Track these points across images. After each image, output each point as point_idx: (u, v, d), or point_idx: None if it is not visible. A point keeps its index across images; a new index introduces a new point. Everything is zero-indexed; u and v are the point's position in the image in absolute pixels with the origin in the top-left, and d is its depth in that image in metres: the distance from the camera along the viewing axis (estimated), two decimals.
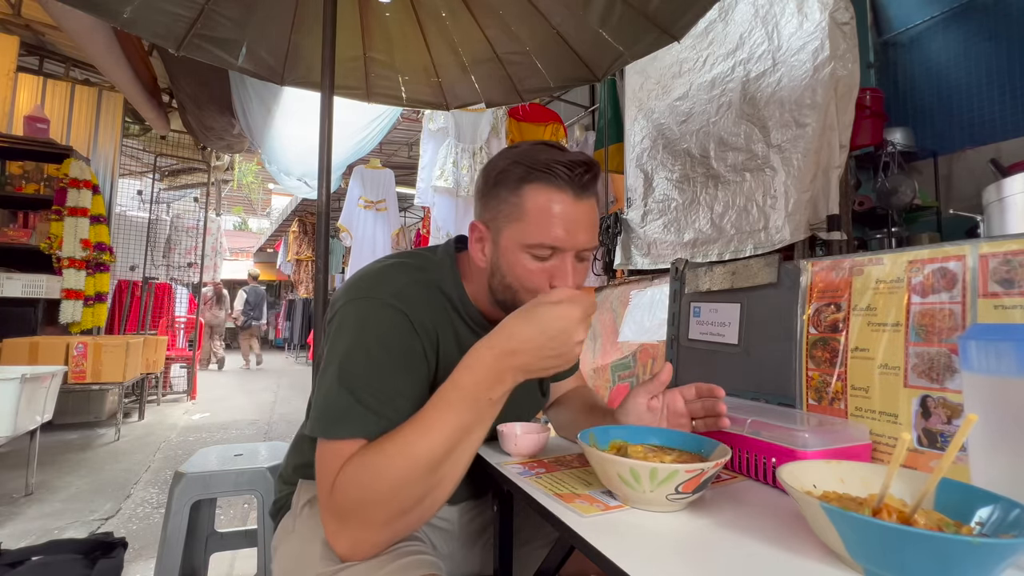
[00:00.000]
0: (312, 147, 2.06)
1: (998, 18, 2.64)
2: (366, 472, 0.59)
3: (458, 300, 0.78)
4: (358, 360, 0.66)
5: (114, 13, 1.68)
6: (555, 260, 0.71)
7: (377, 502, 0.59)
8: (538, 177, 0.69)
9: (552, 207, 0.69)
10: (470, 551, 0.91)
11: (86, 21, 2.89)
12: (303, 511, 0.80)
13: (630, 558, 0.46)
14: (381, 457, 0.59)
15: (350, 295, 0.71)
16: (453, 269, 0.79)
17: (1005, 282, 0.65)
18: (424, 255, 0.81)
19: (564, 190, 0.69)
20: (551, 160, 0.69)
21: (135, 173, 5.99)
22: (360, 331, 0.67)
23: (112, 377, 3.61)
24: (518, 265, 0.71)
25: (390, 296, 0.70)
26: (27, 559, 1.36)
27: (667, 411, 0.78)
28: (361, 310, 0.69)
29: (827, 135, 1.81)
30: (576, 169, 0.68)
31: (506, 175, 0.72)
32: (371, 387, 0.64)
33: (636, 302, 2.34)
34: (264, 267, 13.41)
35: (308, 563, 0.68)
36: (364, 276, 0.74)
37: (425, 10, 2.10)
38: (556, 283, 0.70)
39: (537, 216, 0.69)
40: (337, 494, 0.60)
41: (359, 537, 0.61)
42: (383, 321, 0.68)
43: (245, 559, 1.90)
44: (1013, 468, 0.52)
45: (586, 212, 0.71)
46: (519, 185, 0.70)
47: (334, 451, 0.62)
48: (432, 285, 0.76)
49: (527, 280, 0.71)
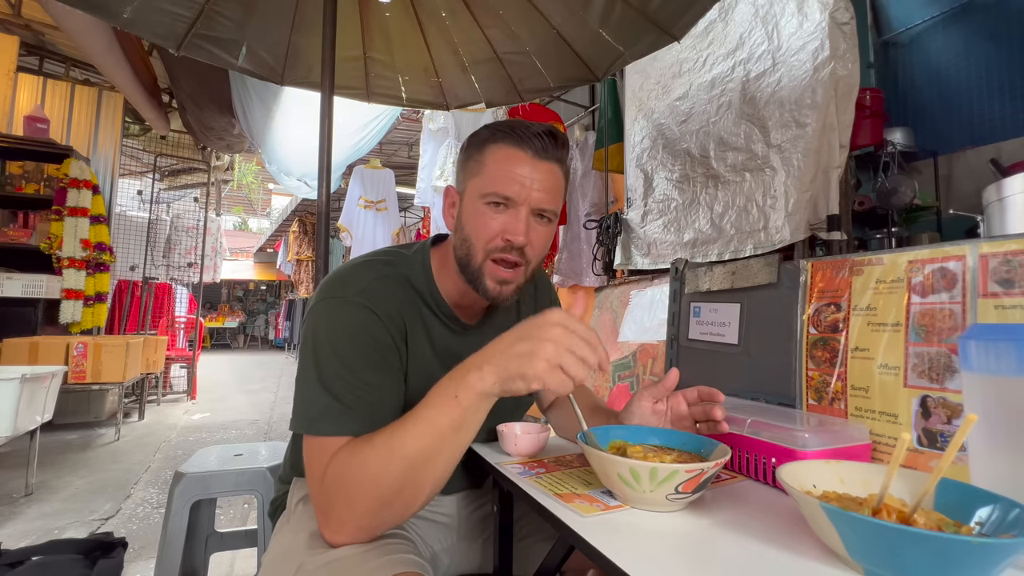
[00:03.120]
0: (312, 147, 2.06)
1: (998, 18, 2.63)
2: (354, 459, 0.63)
3: (428, 293, 0.81)
4: (331, 359, 0.69)
5: (114, 13, 1.68)
6: (510, 212, 0.74)
7: (361, 488, 0.61)
8: (501, 137, 0.75)
9: (509, 160, 0.74)
10: (471, 546, 0.90)
11: (86, 21, 2.89)
12: (296, 508, 0.83)
13: (630, 558, 0.46)
14: (368, 447, 0.63)
15: (320, 295, 0.75)
16: (425, 264, 0.82)
17: (1005, 282, 0.65)
18: (397, 251, 0.84)
19: (523, 148, 0.74)
20: (515, 124, 0.76)
21: (135, 173, 5.99)
22: (331, 331, 0.71)
23: (112, 377, 3.61)
24: (475, 214, 0.76)
25: (356, 294, 0.73)
26: (27, 559, 1.36)
27: (671, 414, 0.78)
28: (330, 310, 0.72)
29: (827, 135, 1.81)
30: (537, 132, 0.74)
31: (475, 139, 0.79)
32: (346, 384, 0.68)
33: (636, 302, 2.34)
34: (264, 267, 13.42)
35: (294, 552, 0.70)
36: (333, 276, 0.77)
37: (425, 10, 2.09)
38: (508, 235, 0.74)
39: (494, 168, 0.75)
40: (327, 481, 0.63)
41: (344, 519, 0.63)
42: (351, 319, 0.71)
43: (245, 559, 1.90)
44: (1013, 468, 0.52)
45: (544, 172, 0.75)
46: (484, 145, 0.77)
47: (320, 446, 0.65)
48: (400, 279, 0.79)
49: (481, 229, 0.75)
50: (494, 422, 0.85)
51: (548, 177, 0.75)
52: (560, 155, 0.76)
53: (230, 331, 14.08)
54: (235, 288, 15.40)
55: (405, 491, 0.62)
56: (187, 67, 3.35)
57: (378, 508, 0.62)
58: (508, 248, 0.74)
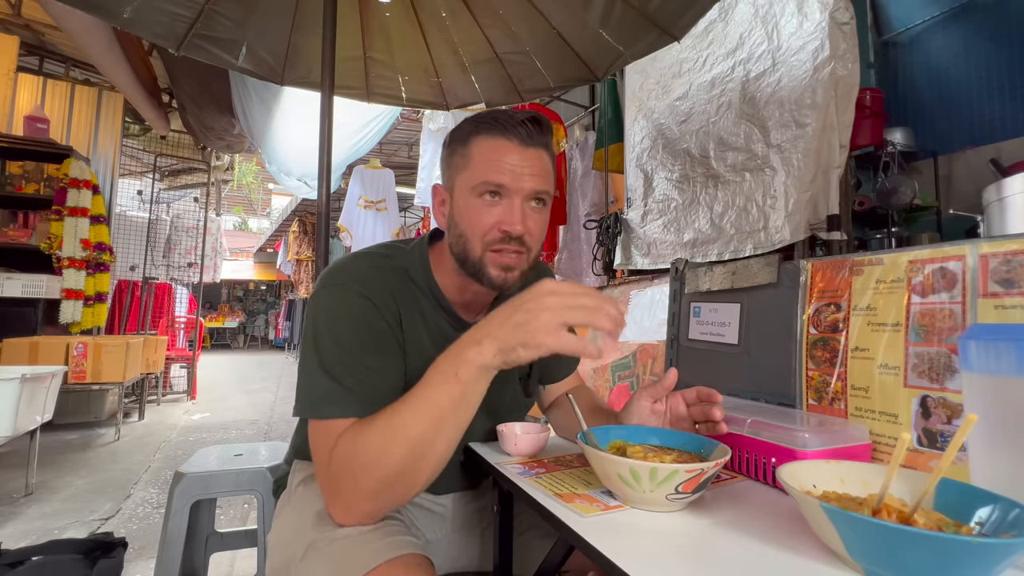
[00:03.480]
0: (312, 147, 2.06)
1: (998, 18, 2.63)
2: (358, 440, 0.64)
3: (425, 284, 0.81)
4: (331, 344, 0.70)
5: (114, 13, 1.68)
6: (504, 203, 0.74)
7: (365, 469, 0.63)
8: (484, 129, 0.75)
9: (496, 151, 0.74)
10: (465, 538, 0.91)
11: (86, 21, 2.89)
12: (297, 488, 0.85)
13: (630, 558, 0.46)
14: (371, 429, 0.64)
15: (320, 284, 0.76)
16: (423, 258, 0.82)
17: (1005, 282, 0.65)
18: (396, 245, 0.85)
19: (509, 137, 0.74)
20: (497, 114, 0.75)
21: (135, 173, 5.99)
22: (330, 317, 0.73)
23: (112, 377, 3.61)
24: (468, 209, 0.75)
25: (353, 282, 0.74)
26: (27, 559, 1.36)
27: (670, 415, 0.78)
28: (329, 297, 0.74)
29: (827, 135, 1.81)
30: (521, 120, 0.74)
31: (458, 133, 0.79)
32: (347, 368, 0.69)
33: (636, 302, 2.34)
34: (264, 267, 13.42)
35: (301, 530, 0.72)
36: (332, 266, 0.78)
37: (425, 10, 2.10)
38: (504, 225, 0.73)
39: (481, 159, 0.74)
40: (333, 463, 0.65)
41: (350, 500, 0.65)
42: (349, 305, 0.73)
43: (245, 559, 1.90)
44: (1013, 468, 0.52)
45: (533, 158, 0.74)
46: (468, 138, 0.76)
47: (324, 429, 0.67)
48: (398, 269, 0.80)
49: (476, 222, 0.74)
50: (494, 422, 0.85)
51: (537, 162, 0.75)
52: (546, 140, 0.77)
53: (230, 331, 14.08)
54: (235, 288, 15.39)
55: (407, 472, 0.63)
56: (187, 67, 3.35)
57: (381, 489, 0.64)
58: (506, 239, 0.74)
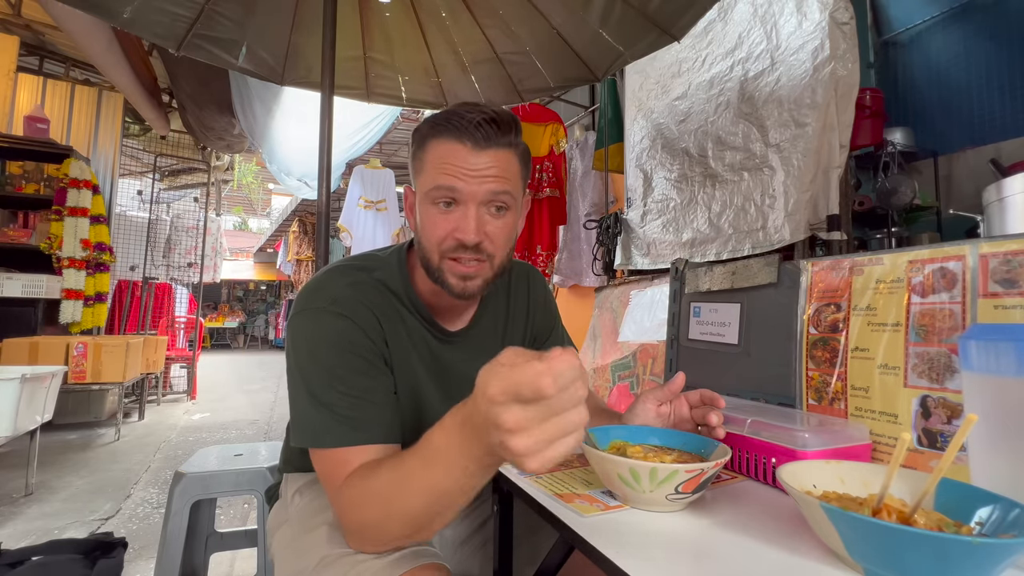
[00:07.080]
0: (312, 147, 2.06)
1: (998, 18, 2.63)
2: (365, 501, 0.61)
3: (404, 294, 0.78)
4: (317, 372, 0.68)
5: (114, 13, 1.68)
6: (458, 210, 0.70)
7: (372, 525, 0.61)
8: (439, 131, 0.71)
9: (446, 155, 0.69)
10: (466, 539, 0.91)
11: (86, 21, 2.89)
12: (294, 499, 0.83)
13: (630, 558, 0.46)
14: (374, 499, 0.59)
15: (295, 308, 0.73)
16: (401, 264, 0.79)
17: (1005, 282, 0.65)
18: (372, 255, 0.82)
19: (462, 140, 0.69)
20: (452, 114, 0.70)
21: (135, 173, 5.99)
22: (311, 344, 0.69)
23: (112, 377, 3.61)
24: (424, 216, 0.73)
25: (329, 303, 0.71)
26: (27, 559, 1.36)
27: (674, 417, 0.77)
28: (306, 323, 0.71)
29: (827, 135, 1.81)
30: (476, 120, 0.68)
31: (417, 135, 0.75)
32: (338, 394, 0.66)
33: (636, 302, 2.34)
34: (264, 267, 13.42)
35: (311, 547, 0.70)
36: (306, 288, 0.75)
37: (425, 10, 2.10)
38: (458, 234, 0.70)
39: (432, 164, 0.71)
40: (343, 502, 0.62)
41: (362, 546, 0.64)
42: (328, 330, 0.69)
43: (245, 559, 1.90)
44: (1013, 468, 0.52)
45: (488, 161, 0.69)
46: (424, 141, 0.73)
47: (329, 459, 0.65)
48: (375, 282, 0.76)
49: (432, 230, 0.72)
50: None
51: (494, 163, 0.69)
52: (508, 140, 0.71)
53: (230, 331, 14.07)
54: (235, 288, 15.38)
55: (413, 536, 0.60)
56: (187, 67, 3.35)
57: (390, 541, 0.62)
58: (460, 247, 0.70)
